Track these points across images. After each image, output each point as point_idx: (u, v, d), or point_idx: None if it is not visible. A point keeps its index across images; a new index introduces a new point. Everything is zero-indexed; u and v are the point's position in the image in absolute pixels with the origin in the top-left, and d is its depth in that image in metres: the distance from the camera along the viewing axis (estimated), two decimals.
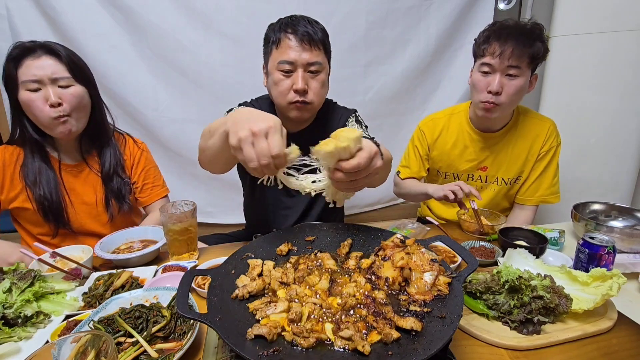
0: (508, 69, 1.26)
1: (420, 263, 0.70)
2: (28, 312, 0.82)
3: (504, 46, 1.24)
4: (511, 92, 1.28)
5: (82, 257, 1.08)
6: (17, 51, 1.13)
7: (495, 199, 1.55)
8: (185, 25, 2.19)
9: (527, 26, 1.28)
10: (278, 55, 1.15)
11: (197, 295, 0.94)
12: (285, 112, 1.22)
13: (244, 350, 0.55)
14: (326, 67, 1.22)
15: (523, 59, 1.25)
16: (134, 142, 1.43)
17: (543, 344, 0.76)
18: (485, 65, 1.30)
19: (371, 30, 2.45)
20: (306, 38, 1.13)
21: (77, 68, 1.19)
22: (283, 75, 1.16)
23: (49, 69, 1.13)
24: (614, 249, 0.94)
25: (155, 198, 1.45)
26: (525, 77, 1.28)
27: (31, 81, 1.12)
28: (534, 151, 1.45)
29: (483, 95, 1.32)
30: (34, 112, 1.14)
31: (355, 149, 0.67)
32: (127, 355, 0.70)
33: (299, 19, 1.17)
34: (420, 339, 0.58)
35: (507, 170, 1.49)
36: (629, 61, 1.89)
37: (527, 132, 1.45)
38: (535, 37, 1.25)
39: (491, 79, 1.29)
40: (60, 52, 1.16)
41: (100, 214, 1.33)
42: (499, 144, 1.47)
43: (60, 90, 1.15)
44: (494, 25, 1.31)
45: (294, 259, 0.82)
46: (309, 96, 1.17)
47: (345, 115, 1.38)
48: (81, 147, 1.30)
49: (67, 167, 1.28)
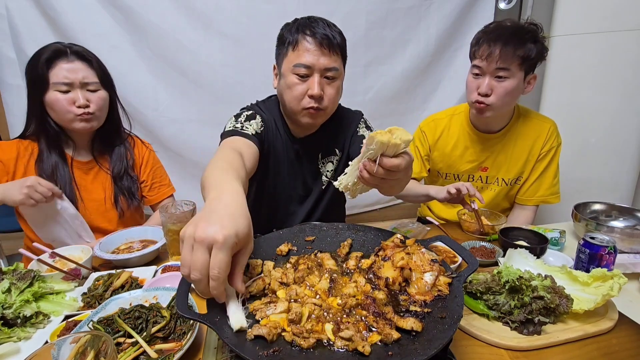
0: (497, 71, 1.26)
1: (421, 263, 0.70)
2: (27, 313, 0.82)
3: (492, 48, 1.24)
4: (501, 94, 1.29)
5: (82, 257, 1.08)
6: (49, 53, 1.17)
7: (495, 199, 1.55)
8: (185, 25, 2.18)
9: (521, 26, 1.27)
10: (294, 58, 1.10)
11: (196, 295, 0.94)
12: (296, 117, 1.18)
13: (243, 351, 0.55)
14: (342, 74, 1.19)
15: (512, 60, 1.24)
16: (141, 142, 1.49)
17: (543, 345, 0.76)
18: (475, 67, 1.31)
19: (371, 30, 2.45)
20: (325, 42, 1.09)
21: (104, 74, 1.27)
22: (298, 79, 1.11)
23: (80, 73, 1.21)
24: (615, 249, 0.94)
25: (163, 196, 1.50)
26: (516, 79, 1.27)
27: (62, 83, 1.18)
28: (534, 152, 1.45)
29: (473, 96, 1.33)
30: (59, 110, 1.20)
31: (401, 151, 0.69)
32: (126, 355, 0.70)
33: (317, 21, 1.13)
34: (421, 340, 0.58)
35: (508, 171, 1.49)
36: (629, 61, 1.89)
37: (528, 133, 1.45)
38: (527, 38, 1.24)
39: (481, 81, 1.30)
40: (92, 59, 1.24)
41: (109, 211, 1.37)
42: (499, 144, 1.47)
43: (89, 94, 1.23)
44: (488, 27, 1.31)
45: (294, 259, 0.81)
46: (324, 102, 1.14)
47: (355, 120, 1.36)
48: (93, 145, 1.35)
49: (79, 164, 1.33)
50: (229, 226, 0.56)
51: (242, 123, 1.16)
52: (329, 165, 1.36)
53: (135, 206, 1.43)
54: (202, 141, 2.38)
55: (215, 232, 0.55)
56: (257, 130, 1.17)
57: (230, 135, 1.11)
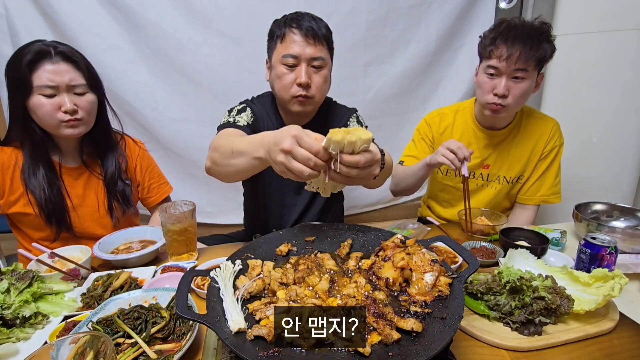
0: (515, 72, 1.25)
1: (421, 263, 0.70)
2: (26, 313, 0.82)
3: (511, 49, 1.22)
4: (517, 95, 1.28)
5: (81, 258, 1.08)
6: (32, 55, 1.07)
7: (496, 197, 1.54)
8: (185, 24, 2.18)
9: (535, 26, 1.25)
10: (282, 50, 1.18)
11: (196, 296, 0.94)
12: (287, 106, 1.25)
13: (243, 351, 0.54)
14: (329, 63, 1.24)
15: (530, 62, 1.23)
16: (133, 142, 1.42)
17: (544, 345, 0.75)
18: (491, 67, 1.28)
19: (371, 30, 2.44)
20: (310, 33, 1.16)
21: (92, 76, 1.19)
22: (287, 69, 1.18)
23: (66, 75, 1.11)
24: (616, 249, 0.94)
25: (163, 196, 1.47)
26: (531, 79, 1.27)
27: (47, 87, 1.08)
28: (536, 151, 1.45)
29: (489, 97, 1.30)
30: (43, 116, 1.11)
31: (360, 148, 0.70)
32: (126, 356, 0.70)
33: (303, 15, 1.20)
34: (421, 340, 0.58)
35: (510, 169, 1.48)
36: (631, 60, 1.88)
37: (531, 132, 1.45)
38: (542, 38, 1.23)
39: (497, 81, 1.28)
40: (78, 59, 1.14)
41: (102, 217, 1.32)
42: (502, 142, 1.47)
43: (76, 98, 1.14)
44: (500, 26, 1.28)
45: (293, 260, 0.81)
46: (312, 90, 1.20)
47: (347, 115, 1.38)
48: (82, 150, 1.28)
49: (68, 171, 1.26)
50: (291, 128, 0.72)
51: (234, 117, 1.24)
52: None
53: (131, 213, 1.37)
54: (202, 141, 2.37)
55: (288, 134, 0.70)
56: (248, 121, 1.24)
57: (224, 128, 1.20)
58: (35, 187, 1.18)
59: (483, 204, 1.52)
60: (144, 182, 1.42)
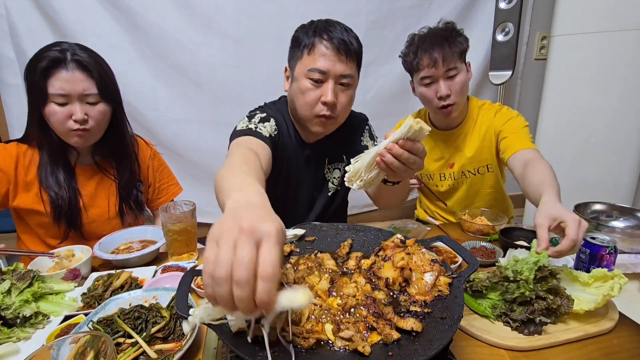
0: (447, 73, 1.32)
1: (421, 263, 0.70)
2: (27, 313, 0.82)
3: (434, 55, 1.29)
4: (458, 90, 1.34)
5: (81, 258, 1.08)
6: (47, 62, 1.07)
7: (469, 192, 1.56)
8: (185, 25, 2.18)
9: (442, 28, 1.34)
10: (309, 62, 1.07)
11: (196, 295, 0.94)
12: (306, 124, 1.15)
13: (243, 351, 0.54)
14: (356, 82, 1.14)
15: (454, 59, 1.31)
16: (145, 144, 1.42)
17: (544, 345, 0.76)
18: (425, 78, 1.35)
19: (371, 30, 2.45)
20: (343, 47, 1.05)
21: (105, 86, 1.16)
22: (312, 84, 1.07)
23: (80, 85, 1.09)
24: (615, 249, 0.94)
25: (171, 197, 1.46)
26: (463, 71, 1.35)
27: (59, 95, 1.08)
28: (489, 135, 1.45)
29: (436, 102, 1.36)
30: (55, 123, 1.12)
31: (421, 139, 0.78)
32: (126, 356, 0.70)
33: (335, 25, 1.10)
34: (421, 340, 0.58)
35: (472, 161, 1.50)
36: (629, 60, 1.89)
37: (481, 121, 1.48)
38: (454, 35, 1.32)
39: (436, 86, 1.34)
40: (92, 68, 1.12)
41: (112, 219, 1.31)
42: (459, 138, 1.50)
43: (88, 107, 1.13)
44: (414, 40, 1.36)
45: (293, 260, 0.81)
46: (337, 111, 1.10)
47: (361, 127, 1.37)
48: (94, 152, 1.28)
49: (82, 170, 1.26)
50: (277, 220, 0.48)
51: (255, 124, 1.11)
52: (335, 172, 1.35)
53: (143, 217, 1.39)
54: (202, 141, 2.38)
55: (268, 224, 0.46)
56: (271, 133, 1.12)
57: (244, 135, 1.06)
58: (51, 187, 1.18)
59: (462, 201, 1.56)
60: (154, 183, 1.43)
